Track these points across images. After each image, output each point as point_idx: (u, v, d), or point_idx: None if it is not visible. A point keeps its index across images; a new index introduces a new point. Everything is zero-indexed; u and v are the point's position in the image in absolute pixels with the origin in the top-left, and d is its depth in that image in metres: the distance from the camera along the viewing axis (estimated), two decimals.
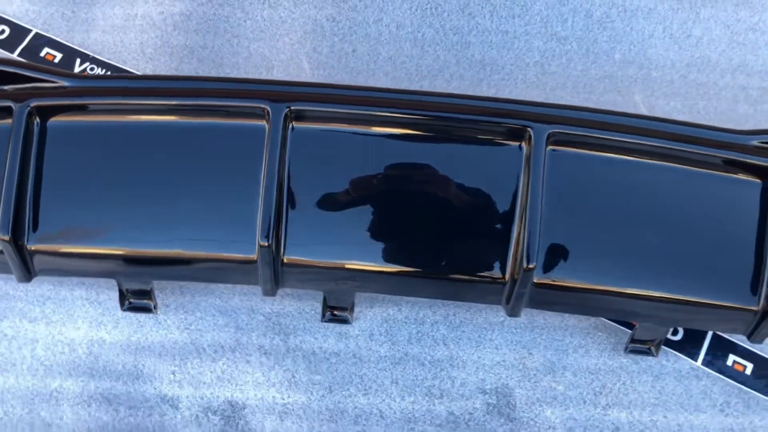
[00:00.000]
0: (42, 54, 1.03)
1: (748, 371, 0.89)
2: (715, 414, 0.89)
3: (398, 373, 0.89)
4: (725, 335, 0.90)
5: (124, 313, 0.89)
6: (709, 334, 0.91)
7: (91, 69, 1.01)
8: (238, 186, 0.78)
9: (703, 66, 1.05)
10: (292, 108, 0.77)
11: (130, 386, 0.87)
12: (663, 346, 0.90)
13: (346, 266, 0.79)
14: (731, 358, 0.90)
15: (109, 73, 1.00)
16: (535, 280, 0.79)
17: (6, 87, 0.81)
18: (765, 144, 0.80)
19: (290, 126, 0.77)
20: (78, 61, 1.03)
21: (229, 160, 0.78)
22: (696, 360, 0.90)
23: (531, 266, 0.76)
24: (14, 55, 1.00)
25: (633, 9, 1.07)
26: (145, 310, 0.87)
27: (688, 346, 0.90)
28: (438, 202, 0.79)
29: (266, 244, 0.76)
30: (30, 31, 1.03)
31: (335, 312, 0.87)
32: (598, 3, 1.06)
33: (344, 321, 0.88)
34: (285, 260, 0.79)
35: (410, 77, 1.03)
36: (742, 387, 0.89)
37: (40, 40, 1.03)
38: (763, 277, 0.79)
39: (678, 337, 0.91)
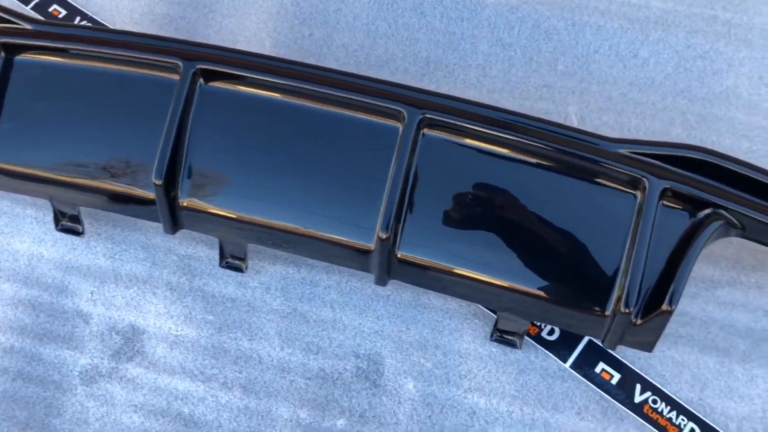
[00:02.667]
0: (50, 9, 1.18)
1: (614, 381, 0.90)
2: (572, 416, 0.90)
3: (284, 326, 0.97)
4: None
5: (62, 234, 1.01)
6: (585, 339, 0.93)
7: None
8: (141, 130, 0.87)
9: (646, 87, 1.06)
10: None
11: (54, 298, 0.99)
12: (536, 344, 0.93)
13: (233, 216, 0.88)
14: (600, 366, 0.91)
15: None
16: (398, 255, 0.85)
17: None
18: (632, 153, 0.82)
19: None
20: (78, 18, 1.18)
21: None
22: (565, 362, 0.92)
23: (384, 236, 0.82)
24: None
25: (582, 24, 1.09)
26: (74, 232, 1.00)
27: (562, 347, 0.92)
28: (318, 166, 0.86)
29: (159, 183, 0.86)
30: None
31: (229, 260, 0.97)
32: (547, 14, 1.10)
33: (238, 269, 0.97)
34: (184, 204, 0.88)
35: (359, 65, 1.10)
36: (604, 395, 0.90)
37: None
38: (615, 284, 0.81)
39: (553, 338, 0.93)
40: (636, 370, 0.91)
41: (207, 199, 0.89)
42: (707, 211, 0.81)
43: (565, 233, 0.83)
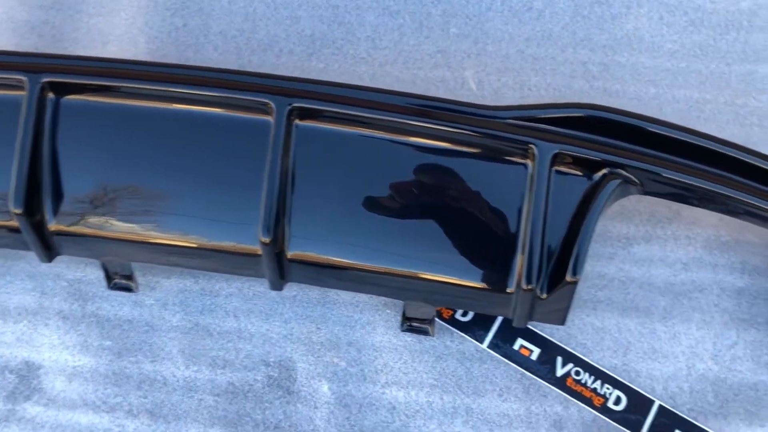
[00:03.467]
0: None
1: (534, 356, 0.86)
2: (494, 399, 0.86)
3: (186, 342, 0.91)
4: None
5: None
6: (500, 317, 0.89)
7: None
8: None
9: (543, 40, 1.01)
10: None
11: None
12: (451, 327, 0.88)
13: (107, 236, 0.81)
14: (519, 342, 0.87)
15: None
16: (289, 256, 0.80)
17: None
18: (518, 120, 0.77)
19: None
20: None
21: None
22: (482, 343, 0.88)
23: (267, 240, 0.77)
24: None
25: None
26: None
27: (477, 327, 0.88)
28: (193, 173, 0.79)
29: (19, 211, 0.79)
30: None
31: (117, 281, 0.90)
32: None
33: (127, 289, 0.90)
34: (53, 228, 0.82)
35: (240, 51, 1.03)
36: (525, 372, 0.86)
37: None
38: (514, 260, 0.77)
39: (468, 318, 0.88)
40: (556, 342, 0.87)
41: (76, 220, 0.82)
42: (604, 171, 0.76)
43: (459, 213, 0.78)
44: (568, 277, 0.74)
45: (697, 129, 0.94)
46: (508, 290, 0.76)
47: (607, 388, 0.84)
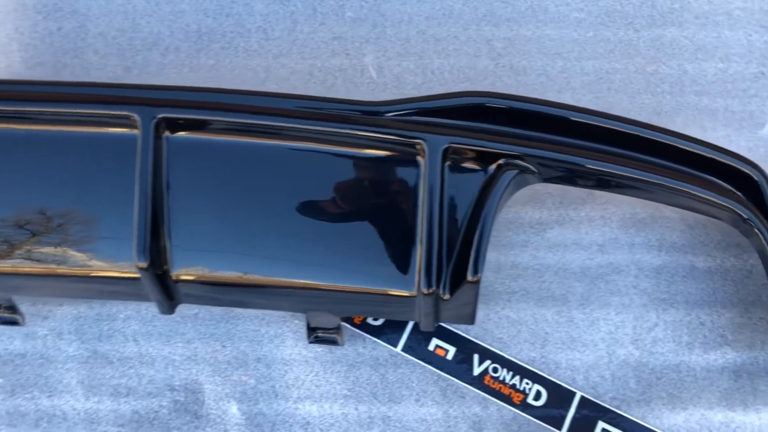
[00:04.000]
0: None
1: (450, 356, 0.83)
2: (411, 404, 0.82)
3: (85, 372, 0.85)
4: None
5: None
6: None
7: None
8: None
9: (445, 19, 0.95)
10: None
11: None
12: (363, 333, 0.84)
13: None
14: (434, 343, 0.83)
15: None
16: (174, 277, 0.75)
17: None
18: (405, 114, 0.72)
19: None
20: None
21: None
22: (396, 346, 0.84)
23: (144, 264, 0.71)
24: None
25: None
26: None
27: (390, 331, 0.83)
28: (63, 197, 0.73)
29: None
30: None
31: (1, 315, 0.84)
32: None
33: (14, 323, 0.84)
34: None
35: (123, 53, 0.95)
36: (442, 374, 0.82)
37: None
38: (413, 263, 0.72)
39: (379, 322, 0.84)
40: (471, 339, 0.83)
41: None
42: (499, 162, 0.72)
43: (352, 217, 0.73)
44: (469, 277, 0.70)
45: (608, 99, 0.92)
46: (410, 294, 0.72)
47: (527, 383, 0.81)
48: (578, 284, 0.85)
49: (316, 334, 0.81)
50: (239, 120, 0.70)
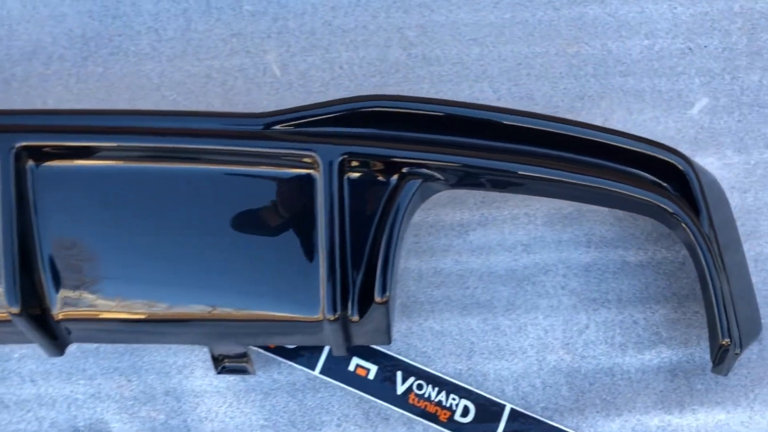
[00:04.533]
0: None
1: (372, 375, 0.77)
2: (332, 430, 0.77)
3: None
4: None
5: None
6: None
7: None
8: None
9: (352, 7, 0.88)
10: None
11: None
12: (277, 357, 0.78)
13: None
14: (354, 362, 0.78)
15: None
16: (56, 316, 0.68)
17: None
18: (295, 125, 0.66)
19: None
20: None
21: None
22: (314, 369, 0.78)
23: (16, 310, 0.64)
24: None
25: None
26: None
27: (307, 353, 0.78)
28: None
29: None
30: None
31: None
32: None
33: None
34: None
35: (0, 64, 0.88)
36: (364, 395, 0.77)
37: None
38: (316, 286, 0.66)
39: (294, 345, 0.79)
40: (394, 355, 0.78)
41: None
42: (402, 171, 0.66)
43: (247, 241, 0.66)
44: (377, 298, 0.65)
45: (528, 86, 0.85)
46: (316, 318, 0.67)
47: (453, 399, 0.77)
48: (504, 288, 0.80)
49: (223, 365, 0.75)
50: (110, 144, 0.63)
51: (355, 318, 0.66)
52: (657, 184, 0.71)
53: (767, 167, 0.83)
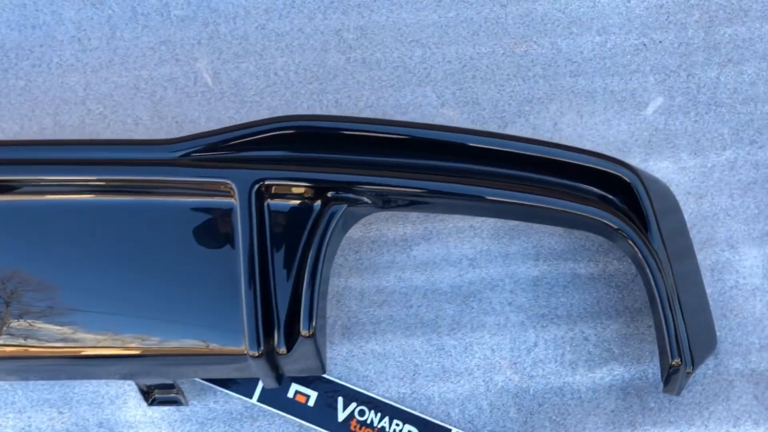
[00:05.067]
0: None
1: (312, 402, 0.74)
2: None
3: None
4: None
5: None
6: None
7: None
8: None
9: (287, 9, 0.83)
10: None
11: None
12: (213, 386, 0.75)
13: None
14: (293, 389, 0.74)
15: None
16: None
17: None
18: (207, 151, 0.62)
19: None
20: None
21: None
22: (252, 397, 0.75)
23: None
24: None
25: None
26: None
27: (243, 381, 0.75)
28: None
29: None
30: None
31: None
32: None
33: None
34: None
35: None
36: (303, 423, 0.74)
37: None
38: (239, 320, 0.63)
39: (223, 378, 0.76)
40: (335, 380, 0.75)
41: None
42: (327, 195, 0.62)
43: (168, 273, 0.62)
44: (302, 332, 0.62)
45: (473, 90, 0.79)
46: (240, 351, 0.64)
47: (397, 425, 0.73)
48: (449, 306, 0.76)
49: (153, 396, 0.73)
50: (15, 177, 0.59)
51: (282, 350, 0.63)
52: (603, 197, 0.67)
53: (724, 170, 0.79)
